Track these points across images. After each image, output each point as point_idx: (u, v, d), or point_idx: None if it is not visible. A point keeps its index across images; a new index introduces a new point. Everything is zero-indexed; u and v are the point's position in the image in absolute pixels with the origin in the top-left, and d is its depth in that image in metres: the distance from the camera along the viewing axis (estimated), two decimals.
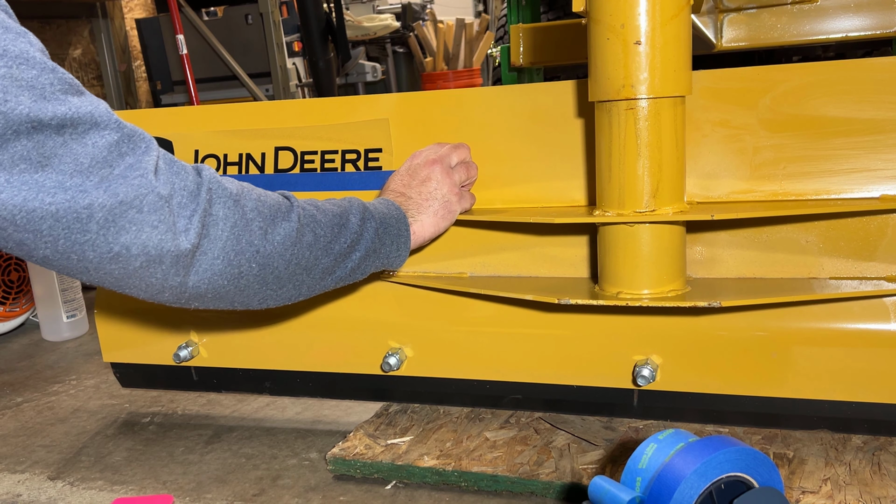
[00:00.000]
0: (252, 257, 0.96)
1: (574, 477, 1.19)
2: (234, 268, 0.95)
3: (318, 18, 4.76)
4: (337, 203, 1.12)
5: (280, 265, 1.00)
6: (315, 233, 1.04)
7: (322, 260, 1.06)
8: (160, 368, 1.56)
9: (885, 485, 1.11)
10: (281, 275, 1.01)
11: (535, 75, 3.43)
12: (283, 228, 1.00)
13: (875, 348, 1.15)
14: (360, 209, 1.13)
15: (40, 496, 1.36)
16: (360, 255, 1.12)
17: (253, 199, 0.98)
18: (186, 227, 0.88)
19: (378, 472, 1.28)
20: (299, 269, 1.03)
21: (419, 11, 6.95)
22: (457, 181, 1.26)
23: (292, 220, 1.02)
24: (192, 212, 0.89)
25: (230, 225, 0.94)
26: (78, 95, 0.82)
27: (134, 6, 5.76)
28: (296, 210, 1.04)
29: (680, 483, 0.79)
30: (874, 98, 1.16)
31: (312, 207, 1.07)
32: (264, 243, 0.98)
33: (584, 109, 1.26)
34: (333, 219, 1.08)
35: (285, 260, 1.01)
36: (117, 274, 0.87)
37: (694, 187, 1.23)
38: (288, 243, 1.01)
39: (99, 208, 0.81)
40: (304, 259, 1.03)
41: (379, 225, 1.14)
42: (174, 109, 1.59)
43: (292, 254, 1.02)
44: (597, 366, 1.28)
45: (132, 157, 0.84)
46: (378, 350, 1.39)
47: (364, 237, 1.12)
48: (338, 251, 1.08)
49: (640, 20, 1.04)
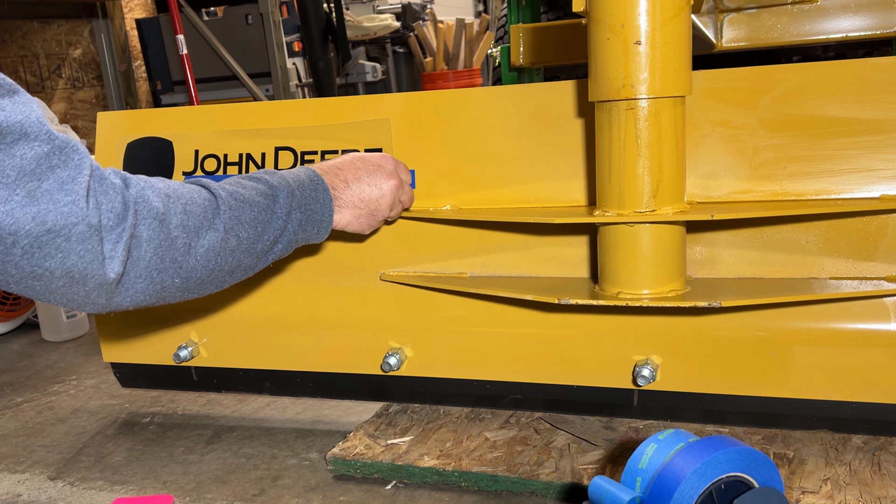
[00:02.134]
0: (175, 273, 0.96)
1: (574, 477, 1.19)
2: (156, 284, 0.95)
3: (318, 18, 4.76)
4: (266, 189, 1.09)
5: (203, 274, 1.00)
6: (239, 236, 1.03)
7: (245, 261, 1.06)
8: (160, 368, 1.56)
9: (885, 485, 1.11)
10: (204, 280, 1.01)
11: (535, 75, 3.43)
12: (207, 240, 0.99)
13: (875, 348, 1.15)
14: (288, 197, 1.11)
15: (40, 496, 1.36)
16: (281, 248, 1.11)
17: (179, 212, 0.96)
18: (112, 254, 0.87)
19: (378, 472, 1.28)
20: (222, 273, 1.03)
21: (419, 11, 6.95)
22: (396, 203, 1.27)
23: (218, 228, 1.00)
24: (118, 236, 0.88)
25: (154, 246, 0.92)
26: (9, 97, 0.79)
27: (134, 6, 5.76)
28: (222, 214, 1.01)
29: (680, 483, 0.79)
30: (874, 98, 1.16)
31: (240, 202, 1.04)
32: (187, 258, 0.97)
33: (584, 109, 1.26)
34: (259, 215, 1.06)
35: (208, 269, 1.01)
36: (39, 289, 0.86)
37: (694, 187, 1.23)
38: (211, 254, 1.00)
39: (25, 235, 0.79)
40: (227, 264, 1.03)
41: (304, 216, 1.13)
42: (174, 109, 1.59)
43: (216, 263, 1.01)
44: (597, 366, 1.28)
45: (63, 171, 0.82)
46: (378, 350, 1.39)
47: (288, 230, 1.10)
48: (260, 249, 1.07)
49: (640, 20, 1.04)
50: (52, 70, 5.17)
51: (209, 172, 1.45)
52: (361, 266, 1.39)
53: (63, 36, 5.16)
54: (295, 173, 1.15)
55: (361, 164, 1.23)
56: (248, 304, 1.46)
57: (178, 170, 1.47)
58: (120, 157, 1.50)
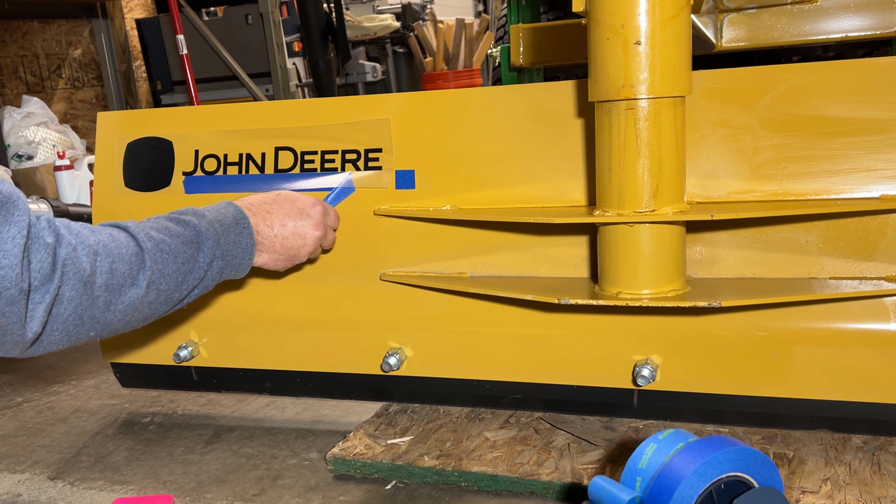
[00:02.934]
0: (91, 327, 0.96)
1: (574, 477, 1.19)
2: (71, 337, 0.95)
3: (318, 18, 4.76)
4: (193, 236, 1.08)
5: (118, 326, 1.01)
6: (159, 289, 1.03)
7: (160, 309, 1.06)
8: (160, 368, 1.56)
9: (885, 485, 1.11)
10: (117, 329, 1.02)
11: (535, 75, 3.43)
12: (128, 297, 0.99)
13: (875, 348, 1.15)
14: (213, 247, 1.10)
15: (40, 496, 1.36)
16: (197, 292, 1.11)
17: (105, 271, 0.95)
18: (33, 314, 0.87)
19: (378, 471, 1.28)
20: (136, 321, 1.04)
21: (419, 11, 6.95)
22: (317, 250, 1.27)
23: (140, 285, 1.00)
24: (41, 297, 0.88)
25: (75, 305, 0.92)
26: None
27: (134, 6, 5.77)
28: (146, 270, 1.01)
29: (680, 483, 0.79)
30: (874, 98, 1.16)
31: (164, 254, 1.04)
32: (106, 314, 0.97)
33: (584, 109, 1.26)
34: (182, 266, 1.06)
35: (124, 322, 1.01)
36: None
37: (694, 187, 1.23)
38: (130, 309, 1.00)
39: None
40: (143, 314, 1.03)
41: (224, 262, 1.13)
42: (174, 109, 1.59)
43: (133, 316, 1.01)
44: (597, 366, 1.28)
45: (4, 227, 0.81)
46: (378, 350, 1.39)
47: (207, 277, 1.11)
48: (177, 298, 1.07)
49: (640, 20, 1.04)
50: (52, 70, 5.17)
51: (209, 172, 1.45)
52: (361, 266, 1.39)
53: (63, 36, 5.17)
54: (223, 213, 1.15)
55: (290, 207, 1.23)
56: (248, 304, 1.46)
57: (177, 170, 1.47)
58: (120, 157, 1.50)
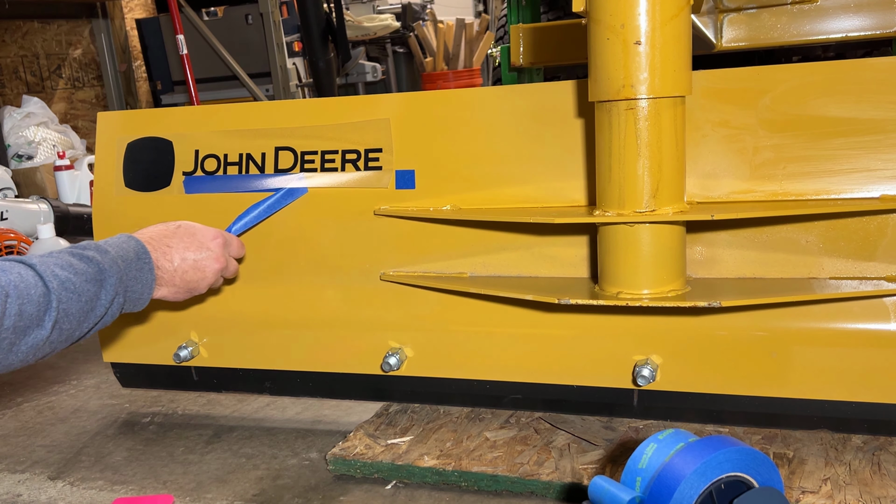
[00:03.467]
0: None
1: (574, 477, 1.19)
2: None
3: (318, 18, 4.76)
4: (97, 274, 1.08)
5: (16, 366, 1.01)
6: (62, 329, 1.03)
7: (59, 347, 1.06)
8: (160, 368, 1.56)
9: (885, 485, 1.11)
10: (12, 369, 1.01)
11: (535, 75, 3.43)
12: (32, 338, 0.99)
13: (875, 348, 1.15)
14: (115, 284, 1.10)
15: (40, 496, 1.36)
16: (97, 329, 1.11)
17: (14, 313, 0.96)
18: None
19: (378, 471, 1.28)
20: (33, 360, 1.03)
21: (419, 11, 6.95)
22: (218, 280, 1.26)
23: (45, 326, 1.00)
24: None
25: None
26: None
27: (134, 6, 5.77)
28: (52, 311, 1.01)
29: (680, 483, 0.79)
30: (874, 98, 1.16)
31: (69, 293, 1.03)
32: (8, 356, 0.97)
33: (584, 109, 1.26)
34: (86, 305, 1.06)
35: (23, 362, 1.01)
36: None
37: (694, 187, 1.23)
38: (32, 349, 1.00)
39: None
40: (42, 353, 1.03)
41: (125, 299, 1.13)
42: (174, 109, 1.59)
43: (33, 356, 1.01)
44: (597, 366, 1.28)
45: None
46: (378, 350, 1.39)
47: (108, 314, 1.11)
48: (77, 336, 1.07)
49: (640, 20, 1.04)
50: (53, 70, 5.17)
51: (209, 172, 1.45)
52: (361, 266, 1.39)
53: (63, 36, 5.17)
54: (125, 249, 1.14)
55: (190, 241, 1.23)
56: (248, 304, 1.46)
57: (178, 170, 1.47)
58: (120, 157, 1.50)
